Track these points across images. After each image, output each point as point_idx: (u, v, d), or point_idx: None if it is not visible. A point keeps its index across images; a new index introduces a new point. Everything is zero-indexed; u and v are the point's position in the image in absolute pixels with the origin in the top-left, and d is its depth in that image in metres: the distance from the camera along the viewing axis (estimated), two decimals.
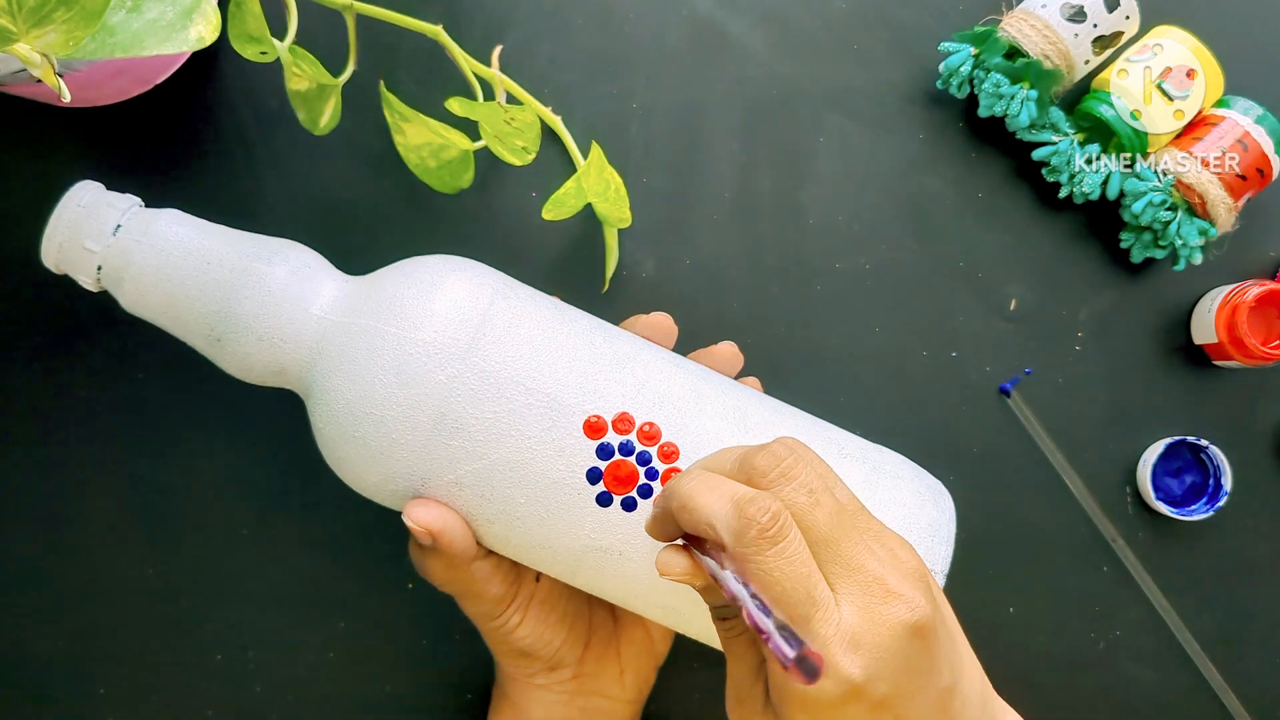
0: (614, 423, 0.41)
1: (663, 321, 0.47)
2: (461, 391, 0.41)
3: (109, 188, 0.43)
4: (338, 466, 0.43)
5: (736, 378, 0.48)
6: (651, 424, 0.42)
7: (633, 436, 0.41)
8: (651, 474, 0.41)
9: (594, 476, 0.41)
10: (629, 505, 0.41)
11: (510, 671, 0.48)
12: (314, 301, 0.43)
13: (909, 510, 0.43)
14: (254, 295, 0.42)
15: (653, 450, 0.41)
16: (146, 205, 0.44)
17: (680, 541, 0.37)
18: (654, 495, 0.41)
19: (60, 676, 0.53)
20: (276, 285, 0.42)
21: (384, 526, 0.53)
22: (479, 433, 0.41)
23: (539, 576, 0.47)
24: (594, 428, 0.41)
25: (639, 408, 0.42)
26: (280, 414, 0.52)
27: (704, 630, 0.44)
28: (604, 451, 0.41)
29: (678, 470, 0.41)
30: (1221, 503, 0.55)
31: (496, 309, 0.42)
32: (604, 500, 0.41)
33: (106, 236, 0.42)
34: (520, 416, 0.41)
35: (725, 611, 0.37)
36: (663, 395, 0.43)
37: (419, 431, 0.41)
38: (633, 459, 0.41)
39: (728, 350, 0.48)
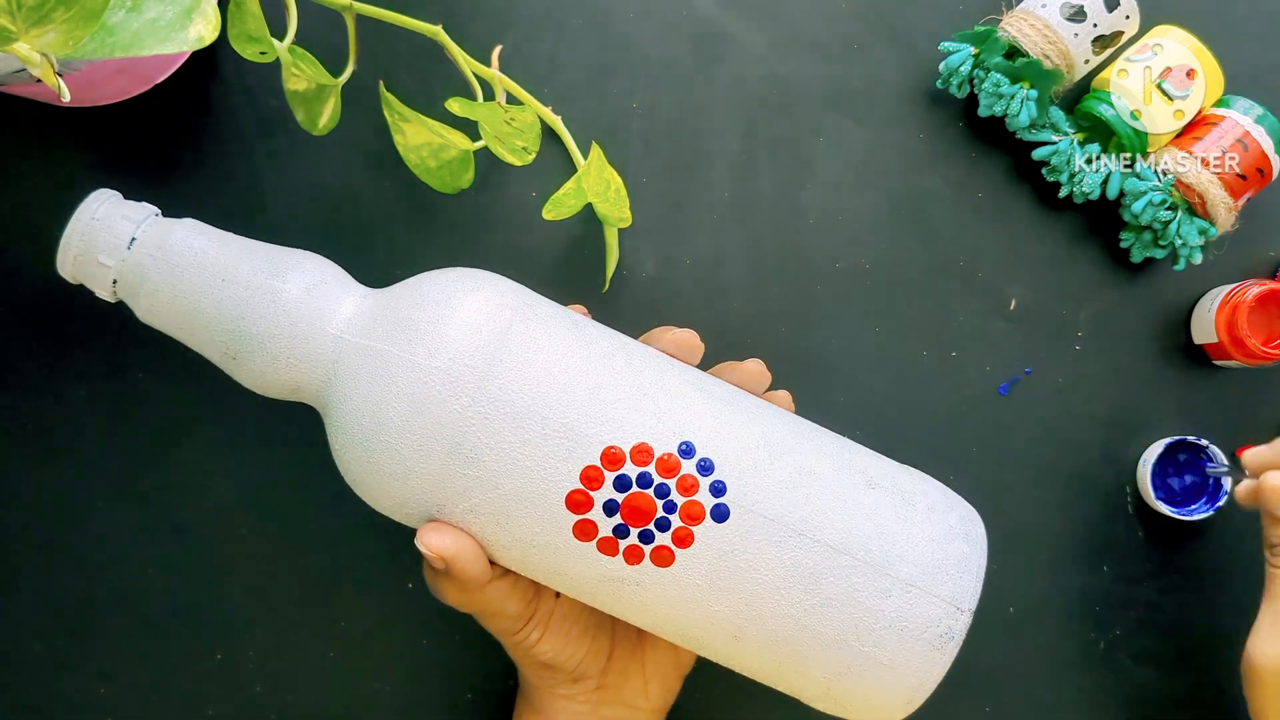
0: (632, 454, 0.40)
1: (689, 339, 0.45)
2: (476, 421, 0.40)
3: (110, 189, 0.43)
4: (355, 487, 0.43)
5: (768, 389, 0.47)
6: (671, 454, 0.40)
7: (651, 468, 0.40)
8: (669, 507, 0.40)
9: (611, 509, 0.40)
10: (646, 538, 0.40)
11: (534, 682, 0.48)
12: (330, 320, 0.42)
13: (938, 545, 0.42)
14: (268, 314, 0.41)
15: (671, 483, 0.40)
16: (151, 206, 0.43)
17: None
18: (680, 524, 0.40)
19: (60, 676, 0.53)
20: (291, 303, 0.42)
21: (384, 526, 0.53)
22: (493, 463, 0.40)
23: (558, 593, 0.46)
24: (612, 459, 0.40)
25: (659, 438, 0.41)
26: (280, 413, 0.52)
27: (722, 653, 0.43)
28: (621, 484, 0.40)
29: (698, 504, 0.40)
30: (1221, 503, 0.55)
31: (514, 332, 0.41)
32: (621, 533, 0.40)
33: (121, 251, 0.41)
34: (536, 447, 0.40)
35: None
36: (684, 424, 0.41)
37: (433, 460, 0.40)
38: (650, 491, 0.40)
39: (755, 368, 0.46)
